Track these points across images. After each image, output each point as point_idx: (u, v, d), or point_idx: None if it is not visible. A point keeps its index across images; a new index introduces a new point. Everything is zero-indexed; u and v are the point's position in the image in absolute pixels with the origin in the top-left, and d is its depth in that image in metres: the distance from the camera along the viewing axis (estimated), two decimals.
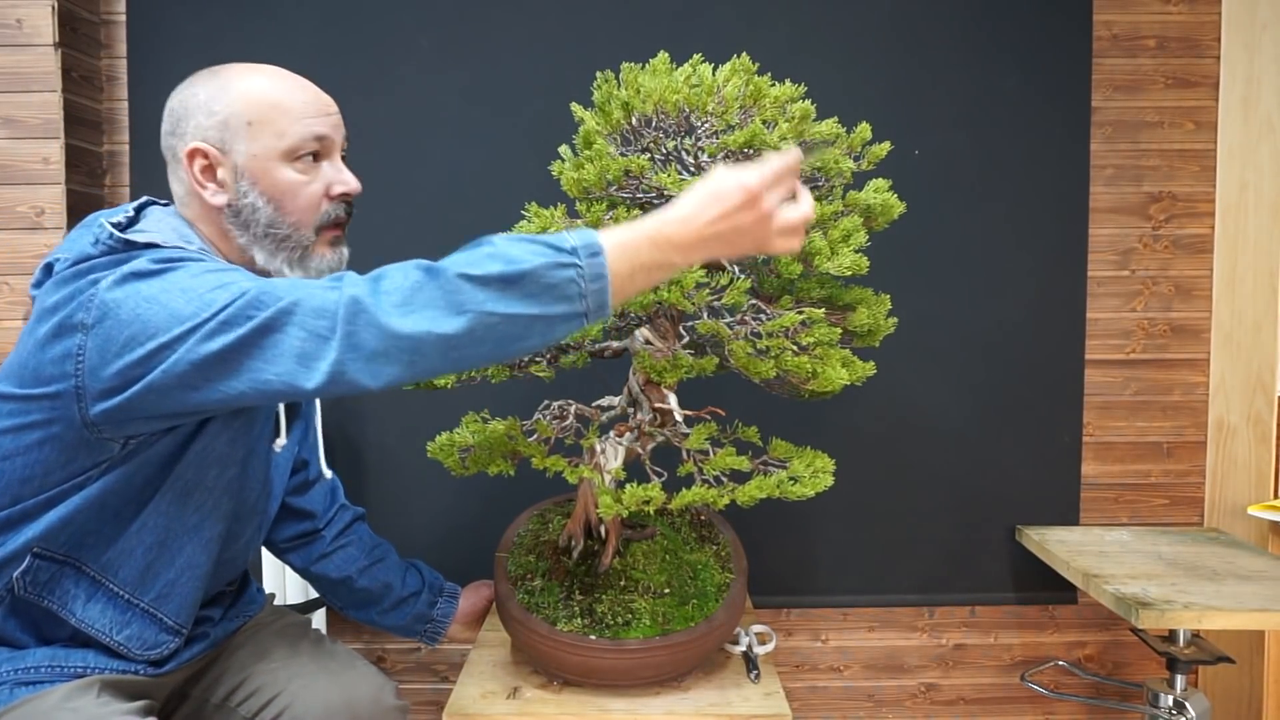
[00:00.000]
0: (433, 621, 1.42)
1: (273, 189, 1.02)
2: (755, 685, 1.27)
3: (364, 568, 1.36)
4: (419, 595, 1.41)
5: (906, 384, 1.82)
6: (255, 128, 1.01)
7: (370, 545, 1.38)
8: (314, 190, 1.04)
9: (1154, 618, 1.35)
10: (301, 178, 1.03)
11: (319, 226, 1.06)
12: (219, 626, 1.16)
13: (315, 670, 1.15)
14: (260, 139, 1.01)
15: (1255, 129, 1.76)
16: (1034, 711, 1.93)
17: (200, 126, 1.01)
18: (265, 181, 1.01)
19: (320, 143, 1.05)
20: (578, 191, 1.18)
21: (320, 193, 1.05)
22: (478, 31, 1.77)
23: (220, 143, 1.01)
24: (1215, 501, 1.86)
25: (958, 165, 1.80)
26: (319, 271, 1.07)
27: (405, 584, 1.40)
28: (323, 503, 1.34)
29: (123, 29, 1.76)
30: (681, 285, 1.11)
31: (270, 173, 1.02)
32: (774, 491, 1.11)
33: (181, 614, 1.06)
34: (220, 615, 1.17)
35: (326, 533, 1.34)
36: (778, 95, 1.17)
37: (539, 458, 1.13)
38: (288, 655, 1.17)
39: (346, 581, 1.35)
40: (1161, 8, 1.81)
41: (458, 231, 1.77)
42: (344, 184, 1.07)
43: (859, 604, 1.89)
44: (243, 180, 1.01)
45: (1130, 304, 1.85)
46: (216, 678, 1.16)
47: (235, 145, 1.01)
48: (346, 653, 1.22)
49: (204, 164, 1.01)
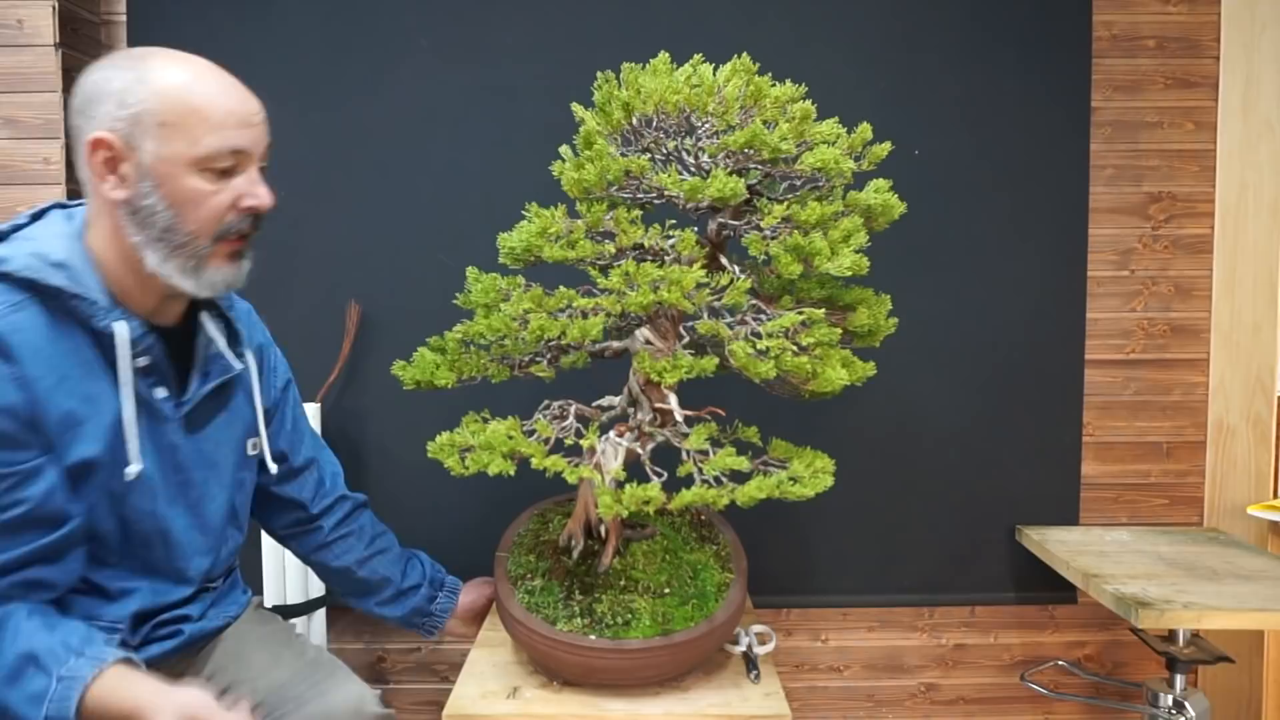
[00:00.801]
0: (430, 615, 1.42)
1: (175, 195, 0.97)
2: (755, 685, 1.27)
3: (363, 559, 1.35)
4: (418, 589, 1.41)
5: (906, 384, 1.82)
6: (168, 130, 0.96)
7: (371, 535, 1.38)
8: (219, 202, 1.00)
9: (1154, 618, 1.35)
10: (208, 188, 0.98)
11: (218, 237, 1.01)
12: (196, 625, 1.16)
13: (295, 681, 1.14)
14: (171, 143, 0.96)
15: (1255, 129, 1.77)
16: (1034, 711, 1.93)
17: (109, 115, 0.96)
18: (169, 186, 0.97)
19: (236, 156, 1.00)
20: (578, 191, 1.18)
21: (226, 204, 1.00)
22: (478, 31, 1.77)
23: (128, 137, 0.96)
24: (1215, 501, 1.86)
25: (958, 165, 1.80)
26: (213, 284, 1.03)
27: (405, 577, 1.40)
28: (312, 491, 1.33)
29: (123, 29, 1.76)
30: (682, 285, 1.11)
31: (176, 179, 0.97)
32: (774, 492, 1.11)
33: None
34: (199, 614, 1.17)
35: (324, 523, 1.34)
36: (778, 95, 1.17)
37: (539, 458, 1.13)
38: (268, 665, 1.17)
39: (346, 571, 1.35)
40: (1161, 8, 1.81)
41: (458, 231, 1.78)
42: (254, 198, 1.02)
43: (859, 604, 1.89)
44: (146, 180, 0.96)
45: (1130, 304, 1.85)
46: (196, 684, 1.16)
47: (143, 144, 0.96)
48: (330, 661, 1.21)
49: (107, 156, 0.96)
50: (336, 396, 1.79)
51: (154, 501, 1.07)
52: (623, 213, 1.19)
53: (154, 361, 1.04)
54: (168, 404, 1.07)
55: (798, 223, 1.14)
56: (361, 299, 1.78)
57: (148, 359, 1.04)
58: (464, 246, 1.78)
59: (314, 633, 1.74)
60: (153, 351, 1.04)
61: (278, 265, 1.79)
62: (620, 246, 1.18)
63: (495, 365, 1.25)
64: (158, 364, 1.05)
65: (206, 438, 1.14)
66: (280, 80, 1.76)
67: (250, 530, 1.69)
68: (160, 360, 1.05)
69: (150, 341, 1.03)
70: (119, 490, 1.04)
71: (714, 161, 1.17)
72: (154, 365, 1.05)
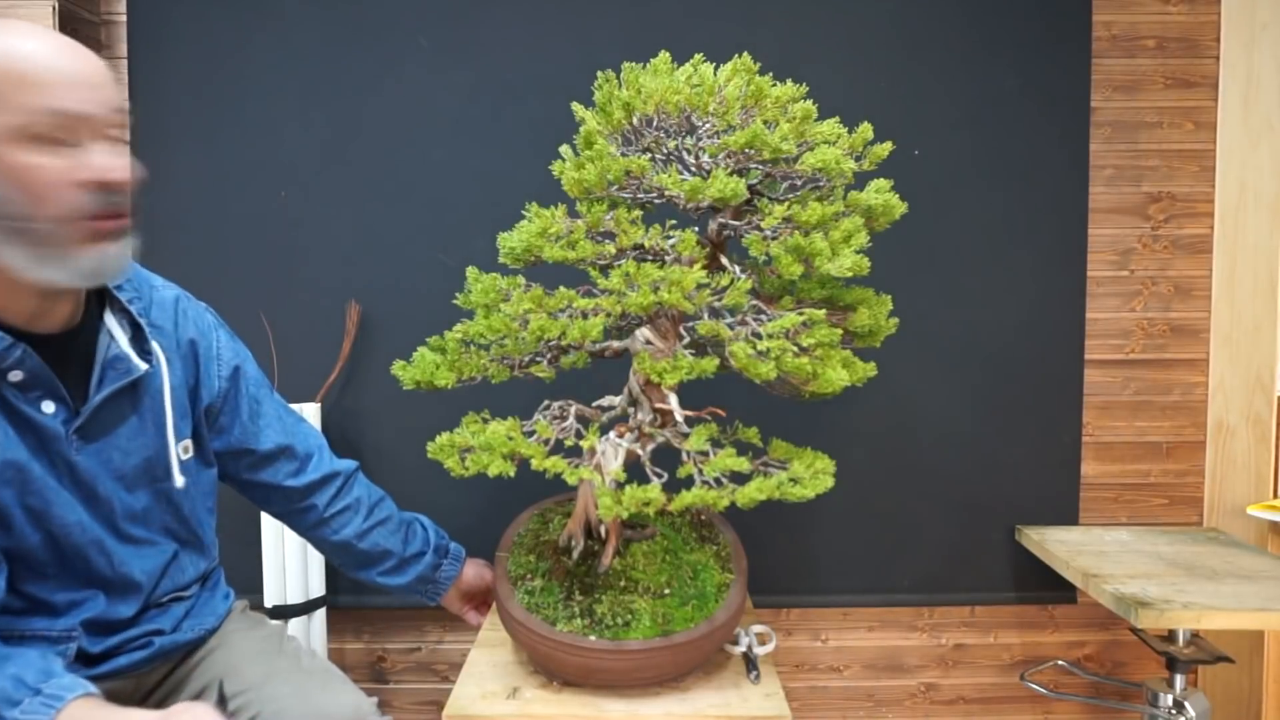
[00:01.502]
0: (434, 583, 1.41)
1: (6, 175, 0.85)
2: (755, 686, 1.27)
3: (363, 532, 1.33)
4: (422, 556, 1.39)
5: (907, 384, 1.82)
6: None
7: (368, 507, 1.34)
8: (55, 177, 0.86)
9: (1153, 617, 1.35)
10: (40, 161, 0.85)
11: (70, 219, 0.88)
12: (168, 638, 1.12)
13: (290, 691, 1.11)
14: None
15: (1255, 129, 1.76)
16: (1033, 711, 1.93)
17: None
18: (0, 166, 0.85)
19: (68, 121, 0.86)
20: (578, 191, 1.18)
21: (64, 180, 0.87)
22: (478, 31, 1.77)
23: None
24: (1214, 501, 1.86)
25: (958, 165, 1.80)
26: (90, 272, 0.92)
27: (407, 545, 1.37)
28: (292, 474, 1.27)
29: (123, 29, 1.76)
30: (682, 286, 1.11)
31: (2, 156, 0.84)
32: (774, 493, 1.11)
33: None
34: (171, 626, 1.12)
35: (316, 500, 1.29)
36: (779, 95, 1.17)
37: (539, 459, 1.13)
38: (263, 675, 1.13)
39: (346, 545, 1.33)
40: (1161, 8, 1.81)
41: (458, 232, 1.78)
42: (95, 169, 0.88)
43: (859, 604, 1.89)
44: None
45: (1130, 304, 1.86)
46: (177, 693, 1.13)
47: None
48: (325, 670, 1.18)
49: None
50: (336, 396, 1.79)
51: (77, 512, 1.00)
52: (623, 213, 1.19)
53: (30, 375, 0.94)
54: (55, 420, 0.98)
55: (798, 223, 1.14)
56: (361, 299, 1.78)
57: (20, 373, 0.94)
58: (464, 246, 1.78)
59: (314, 632, 1.74)
60: (25, 364, 0.94)
61: (278, 265, 1.79)
62: (620, 247, 1.18)
63: (495, 365, 1.25)
64: (36, 376, 0.95)
65: (114, 447, 1.04)
66: (280, 80, 1.76)
67: (250, 530, 1.70)
68: (39, 372, 0.95)
69: (19, 354, 0.93)
70: (38, 506, 0.97)
71: (714, 161, 1.17)
72: (32, 378, 0.95)
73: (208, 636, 1.19)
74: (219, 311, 1.28)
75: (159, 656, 1.12)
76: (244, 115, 1.76)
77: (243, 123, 1.77)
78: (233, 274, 1.77)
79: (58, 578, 1.02)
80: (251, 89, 1.77)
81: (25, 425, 0.96)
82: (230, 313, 1.81)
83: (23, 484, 0.96)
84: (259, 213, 1.78)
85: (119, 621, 1.08)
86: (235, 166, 1.77)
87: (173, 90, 1.75)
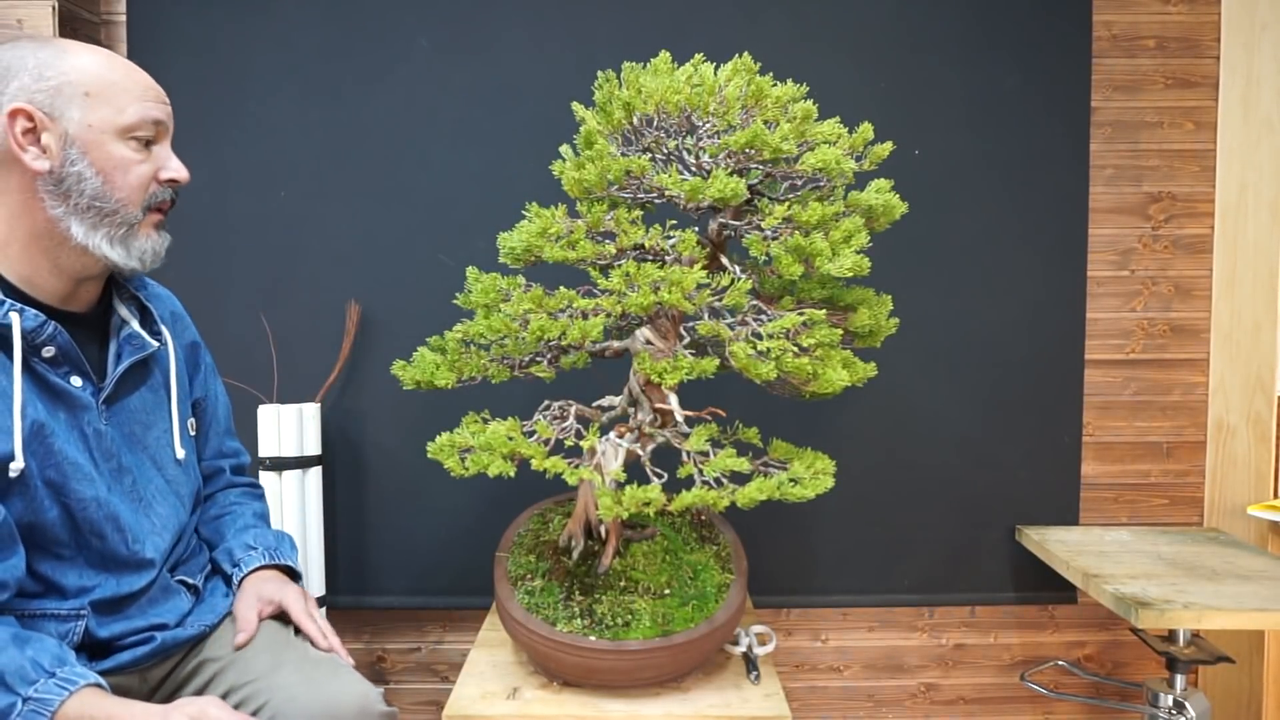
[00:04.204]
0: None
1: (105, 162, 1.02)
2: (755, 686, 1.27)
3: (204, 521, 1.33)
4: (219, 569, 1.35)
5: (907, 384, 1.82)
6: (93, 99, 1.01)
7: (214, 516, 1.33)
8: (145, 170, 1.05)
9: (1153, 617, 1.35)
10: (134, 156, 1.03)
11: (146, 207, 1.06)
12: (170, 633, 1.14)
13: (298, 681, 1.12)
14: (98, 111, 1.01)
15: (1255, 129, 1.76)
16: (1033, 711, 1.93)
17: (26, 88, 0.99)
18: (97, 153, 1.01)
19: (156, 127, 1.05)
20: (579, 191, 1.18)
21: (150, 174, 1.05)
22: (478, 31, 1.77)
23: (49, 108, 0.99)
24: (1215, 501, 1.86)
25: (958, 165, 1.80)
26: (141, 253, 1.06)
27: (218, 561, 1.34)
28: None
29: (123, 29, 1.76)
30: (682, 286, 1.11)
31: (104, 145, 1.01)
32: (774, 494, 1.11)
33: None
34: (175, 622, 1.15)
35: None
36: (779, 95, 1.17)
37: (539, 459, 1.13)
38: (271, 665, 1.14)
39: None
40: (1161, 8, 1.81)
41: (458, 232, 1.78)
42: (174, 170, 1.08)
43: (859, 604, 1.89)
44: (72, 148, 1.00)
45: (1130, 304, 1.86)
46: (182, 688, 1.15)
47: (68, 113, 1.00)
48: (332, 660, 1.19)
49: (27, 126, 0.99)
50: (336, 396, 1.79)
51: (95, 487, 1.06)
52: (623, 213, 1.19)
53: (61, 350, 1.04)
54: (85, 392, 1.06)
55: (799, 223, 1.14)
56: (361, 299, 1.78)
57: (53, 349, 1.03)
58: (464, 246, 1.78)
59: None
60: (57, 340, 1.03)
61: (278, 265, 1.79)
62: (621, 247, 1.18)
63: (495, 365, 1.25)
64: (66, 352, 1.04)
65: (134, 420, 1.13)
66: (280, 80, 1.76)
67: None
68: (68, 348, 1.04)
69: (52, 330, 1.02)
70: (56, 479, 1.03)
71: (715, 162, 1.17)
72: (62, 354, 1.04)
73: (210, 632, 1.20)
74: (219, 311, 1.29)
75: (161, 652, 1.13)
76: (244, 115, 1.77)
77: (243, 123, 1.77)
78: (233, 274, 1.77)
79: (72, 559, 1.06)
80: (251, 89, 1.77)
81: (56, 397, 1.04)
82: (230, 313, 1.82)
83: (45, 454, 1.02)
84: (259, 213, 1.78)
85: (127, 598, 1.10)
86: (235, 166, 1.77)
87: (172, 90, 1.72)
